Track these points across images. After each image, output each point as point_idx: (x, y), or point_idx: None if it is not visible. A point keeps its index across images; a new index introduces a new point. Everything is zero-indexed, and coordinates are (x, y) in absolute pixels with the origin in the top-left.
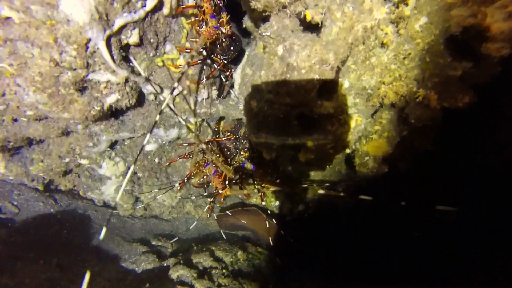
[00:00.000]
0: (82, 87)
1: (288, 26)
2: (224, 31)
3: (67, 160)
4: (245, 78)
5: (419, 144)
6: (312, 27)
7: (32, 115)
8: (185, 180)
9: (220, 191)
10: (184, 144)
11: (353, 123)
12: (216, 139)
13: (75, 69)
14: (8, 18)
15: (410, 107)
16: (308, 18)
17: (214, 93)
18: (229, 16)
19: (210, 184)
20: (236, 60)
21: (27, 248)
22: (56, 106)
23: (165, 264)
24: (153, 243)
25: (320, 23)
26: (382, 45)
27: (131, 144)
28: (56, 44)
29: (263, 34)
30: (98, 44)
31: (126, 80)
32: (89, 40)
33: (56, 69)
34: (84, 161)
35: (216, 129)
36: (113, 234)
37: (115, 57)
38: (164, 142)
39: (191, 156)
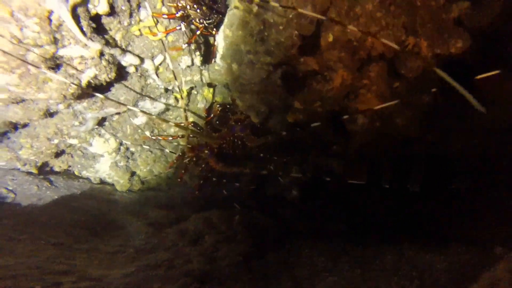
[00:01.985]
0: (55, 64)
1: None
2: None
3: (56, 141)
4: (226, 40)
5: (418, 99)
6: None
7: (6, 98)
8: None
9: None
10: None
11: (339, 79)
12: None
13: (41, 46)
14: None
15: (399, 57)
16: None
17: (198, 59)
18: None
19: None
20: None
21: (27, 230)
22: (30, 87)
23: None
24: (151, 214)
25: None
26: None
27: (120, 119)
28: (13, 19)
29: None
30: (62, 16)
31: (102, 54)
32: (51, 12)
33: (19, 47)
34: (73, 141)
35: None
36: (111, 209)
37: (84, 29)
38: (152, 115)
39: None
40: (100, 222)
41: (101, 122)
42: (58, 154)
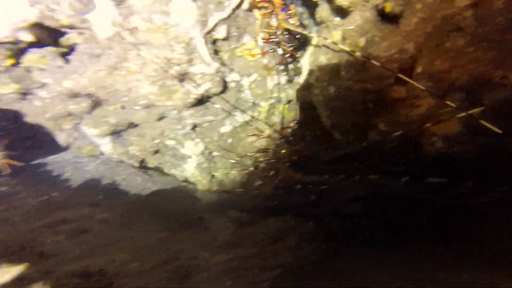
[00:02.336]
0: (182, 78)
1: (369, 19)
2: (292, 22)
3: (157, 141)
4: (316, 63)
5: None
6: (391, 18)
7: (144, 104)
8: None
9: None
10: None
11: (424, 106)
12: None
13: (181, 64)
14: (135, 27)
15: (484, 88)
16: (388, 10)
17: (284, 78)
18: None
19: None
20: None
21: (137, 215)
22: (164, 96)
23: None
24: (229, 213)
25: (399, 14)
26: (459, 29)
27: (209, 126)
28: (168, 45)
29: (347, 27)
30: (197, 42)
31: (217, 71)
32: (191, 39)
33: (167, 65)
34: (170, 142)
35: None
36: (197, 205)
37: (209, 52)
38: (237, 124)
39: None
40: (191, 214)
41: (193, 127)
42: (155, 152)
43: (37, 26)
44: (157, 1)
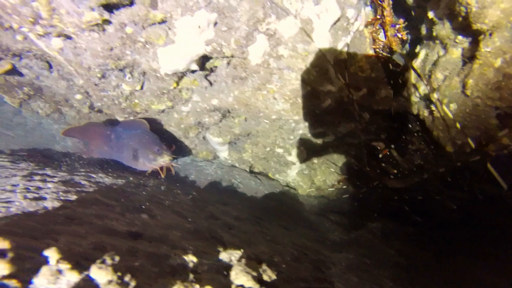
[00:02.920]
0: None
1: (508, 39)
2: (400, 36)
3: (268, 149)
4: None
5: None
6: None
7: (273, 119)
8: None
9: None
10: None
11: None
12: None
13: (313, 85)
14: (281, 55)
15: None
16: None
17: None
18: (406, 23)
19: None
20: None
21: (261, 212)
22: (293, 111)
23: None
24: (331, 217)
25: None
26: None
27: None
28: (306, 69)
29: (485, 50)
30: (328, 66)
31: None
32: (323, 63)
33: (303, 85)
34: (279, 150)
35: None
36: (301, 207)
37: (334, 72)
38: (339, 135)
39: None
40: (299, 215)
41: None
42: (263, 159)
43: (202, 57)
44: (300, 32)
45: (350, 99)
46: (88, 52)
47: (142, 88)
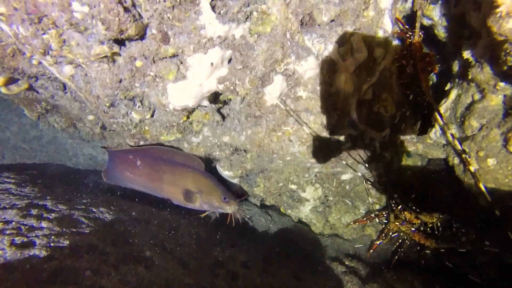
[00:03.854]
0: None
1: None
2: (430, 69)
3: (281, 184)
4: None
5: None
6: None
7: (289, 159)
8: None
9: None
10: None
11: None
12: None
13: (333, 129)
14: (299, 96)
15: None
16: None
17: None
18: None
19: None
20: None
21: (271, 256)
22: (309, 155)
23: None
24: (346, 263)
25: None
26: None
27: (328, 172)
28: (326, 112)
29: None
30: (351, 109)
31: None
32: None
33: (320, 129)
34: (293, 186)
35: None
36: (314, 248)
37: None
38: (359, 174)
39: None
40: (311, 258)
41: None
42: (276, 194)
43: (214, 93)
44: (322, 75)
45: (372, 141)
46: (97, 82)
47: (152, 116)
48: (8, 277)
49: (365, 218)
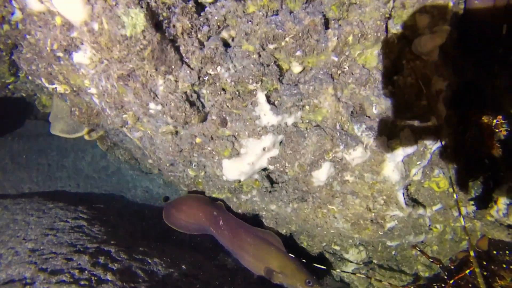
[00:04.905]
0: (375, 219)
1: None
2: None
3: (324, 244)
4: None
5: None
6: None
7: (333, 232)
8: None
9: None
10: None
11: None
12: None
13: (378, 211)
14: (346, 180)
15: None
16: None
17: (471, 208)
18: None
19: None
20: None
21: None
22: (354, 231)
23: None
24: None
25: None
26: None
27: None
28: (371, 196)
29: None
30: (398, 193)
31: (408, 214)
32: (393, 192)
33: (366, 212)
34: (336, 247)
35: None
36: None
37: (405, 199)
38: (407, 242)
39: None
40: None
41: None
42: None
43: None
44: (369, 163)
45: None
46: (160, 148)
47: (205, 173)
48: None
49: (412, 287)
